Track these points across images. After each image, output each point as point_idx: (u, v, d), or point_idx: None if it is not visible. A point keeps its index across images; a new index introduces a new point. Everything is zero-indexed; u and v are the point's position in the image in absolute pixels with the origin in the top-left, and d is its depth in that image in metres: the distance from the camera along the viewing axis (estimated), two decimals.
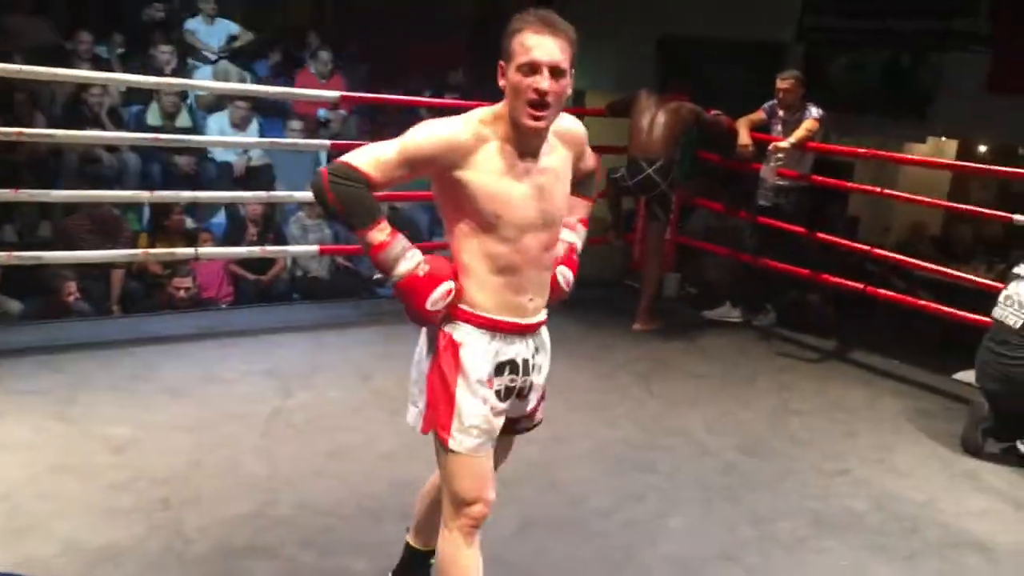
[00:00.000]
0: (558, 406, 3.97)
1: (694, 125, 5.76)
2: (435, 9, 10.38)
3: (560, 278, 2.28)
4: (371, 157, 1.97)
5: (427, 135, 1.96)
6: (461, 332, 2.05)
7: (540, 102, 1.92)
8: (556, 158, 2.08)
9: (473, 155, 1.97)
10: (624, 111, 5.80)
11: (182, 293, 5.90)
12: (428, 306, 2.00)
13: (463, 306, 2.04)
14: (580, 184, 2.31)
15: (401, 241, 2.01)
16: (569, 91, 1.98)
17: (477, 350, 2.05)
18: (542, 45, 1.91)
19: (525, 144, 2.01)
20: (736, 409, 4.58)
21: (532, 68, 1.91)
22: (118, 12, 8.46)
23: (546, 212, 2.05)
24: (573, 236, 2.36)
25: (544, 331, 2.19)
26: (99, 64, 7.26)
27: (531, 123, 1.94)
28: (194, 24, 8.22)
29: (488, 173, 1.98)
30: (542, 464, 3.60)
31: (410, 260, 2.00)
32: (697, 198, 6.94)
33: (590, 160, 2.35)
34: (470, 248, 2.02)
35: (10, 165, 6.10)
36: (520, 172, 2.01)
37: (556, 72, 1.92)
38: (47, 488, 3.14)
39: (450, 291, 2.01)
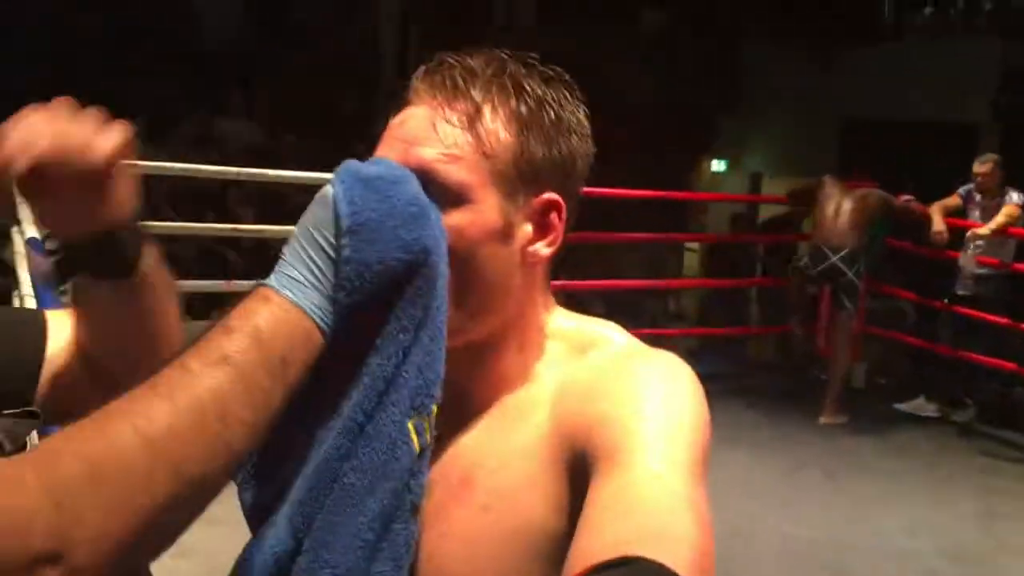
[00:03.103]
0: (738, 498, 3.87)
1: (882, 213, 5.66)
2: None
3: None
4: None
5: None
6: None
7: None
8: (504, 442, 0.82)
9: None
10: (807, 199, 5.76)
11: None
12: None
13: None
14: None
15: None
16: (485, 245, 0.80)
17: None
18: (396, 127, 0.83)
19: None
20: (936, 511, 4.30)
21: None
22: (320, 113, 9.15)
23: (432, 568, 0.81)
24: None
25: None
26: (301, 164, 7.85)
27: None
28: None
29: None
30: (719, 560, 3.49)
31: None
32: (885, 287, 6.70)
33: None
34: None
35: (223, 258, 6.63)
36: None
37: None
38: None
39: None
